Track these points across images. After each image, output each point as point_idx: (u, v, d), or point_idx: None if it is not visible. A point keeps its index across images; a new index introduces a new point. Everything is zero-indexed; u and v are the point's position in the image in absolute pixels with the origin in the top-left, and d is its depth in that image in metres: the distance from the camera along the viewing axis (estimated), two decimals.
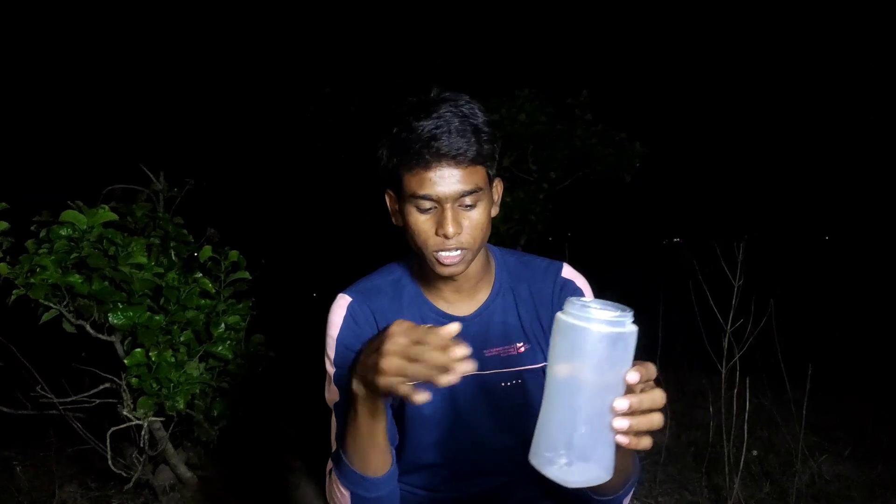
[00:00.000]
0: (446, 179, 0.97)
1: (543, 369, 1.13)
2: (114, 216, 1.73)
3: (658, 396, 0.70)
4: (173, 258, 1.97)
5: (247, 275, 2.01)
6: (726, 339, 2.04)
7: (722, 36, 6.76)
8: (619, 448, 0.71)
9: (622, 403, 0.66)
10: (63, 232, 1.68)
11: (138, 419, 1.81)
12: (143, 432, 1.87)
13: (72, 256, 1.68)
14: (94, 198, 1.96)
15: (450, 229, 0.98)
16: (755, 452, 2.45)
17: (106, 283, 1.72)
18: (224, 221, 2.36)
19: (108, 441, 1.81)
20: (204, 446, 2.23)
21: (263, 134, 4.75)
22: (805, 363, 2.09)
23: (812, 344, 3.38)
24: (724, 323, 2.03)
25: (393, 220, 1.10)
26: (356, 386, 0.85)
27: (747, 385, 1.93)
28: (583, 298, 0.71)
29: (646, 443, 0.69)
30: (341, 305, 1.13)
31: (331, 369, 1.12)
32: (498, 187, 1.11)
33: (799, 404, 2.12)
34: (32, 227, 1.76)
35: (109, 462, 1.85)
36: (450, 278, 1.09)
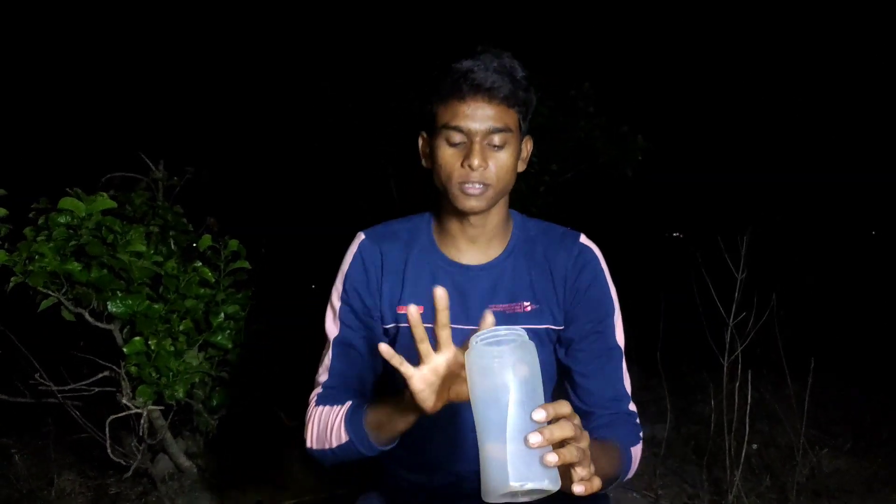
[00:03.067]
0: (478, 113, 1.00)
1: (548, 331, 1.13)
2: (112, 204, 1.72)
3: (566, 429, 0.68)
4: (172, 247, 1.96)
5: (246, 264, 2.00)
6: (728, 333, 2.03)
7: (727, 28, 6.72)
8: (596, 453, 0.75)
9: (539, 414, 0.67)
10: (62, 219, 1.67)
11: (137, 408, 1.81)
12: (142, 421, 1.86)
13: (70, 244, 1.67)
14: (93, 185, 1.95)
15: (475, 161, 0.99)
16: (755, 446, 2.45)
17: (105, 271, 1.72)
18: (224, 211, 2.34)
19: (106, 430, 1.81)
20: (203, 435, 2.23)
21: (263, 123, 4.74)
22: (806, 357, 2.08)
23: (814, 338, 3.37)
24: (727, 316, 2.02)
25: (423, 162, 1.12)
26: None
27: (749, 379, 1.92)
28: (482, 333, 0.73)
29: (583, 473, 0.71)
30: (355, 242, 1.17)
31: (336, 303, 1.15)
32: (528, 144, 1.12)
33: (800, 398, 2.11)
34: (31, 215, 1.75)
35: (108, 451, 1.84)
36: (468, 222, 1.09)
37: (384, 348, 0.80)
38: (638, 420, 1.12)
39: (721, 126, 7.05)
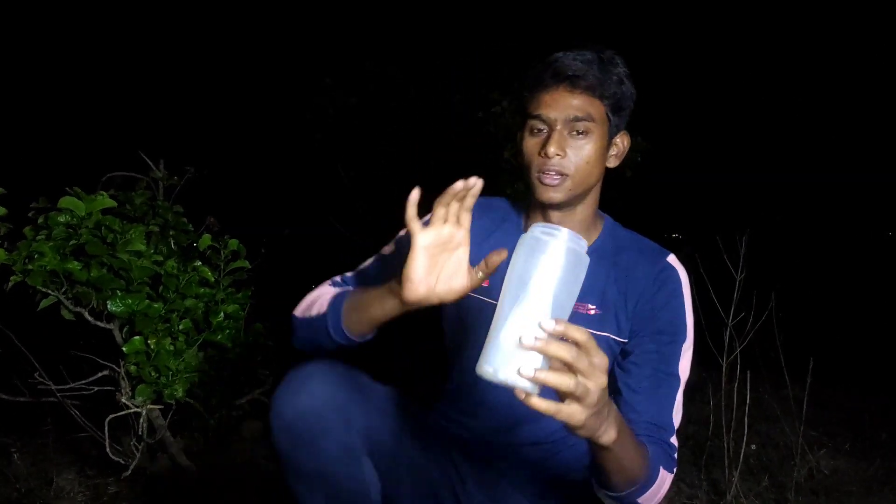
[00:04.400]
0: (559, 101, 0.98)
1: (608, 339, 1.08)
2: (112, 203, 1.72)
3: (564, 351, 0.63)
4: (172, 246, 1.96)
5: (246, 264, 2.00)
6: (727, 333, 2.03)
7: (726, 27, 6.72)
8: (618, 447, 0.73)
9: (549, 324, 0.63)
10: (61, 219, 1.67)
11: (137, 407, 1.81)
12: (141, 420, 1.86)
13: (70, 243, 1.67)
14: (93, 185, 1.95)
15: (551, 149, 0.97)
16: (754, 446, 2.45)
17: (104, 270, 1.72)
18: (223, 210, 2.34)
19: (106, 429, 1.81)
20: (203, 434, 2.23)
21: (262, 123, 4.74)
22: (805, 358, 2.08)
23: (812, 338, 3.37)
24: (726, 317, 2.03)
25: (519, 157, 1.10)
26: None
27: (747, 379, 1.92)
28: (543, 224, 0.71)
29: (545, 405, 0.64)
30: None
31: (403, 232, 1.11)
32: (624, 139, 1.08)
33: (798, 399, 2.11)
34: (30, 214, 1.75)
35: (107, 450, 1.84)
36: (550, 215, 1.07)
37: (414, 194, 0.79)
38: (676, 455, 1.04)
39: (720, 126, 7.05)
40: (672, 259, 1.11)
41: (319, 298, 1.03)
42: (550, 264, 0.65)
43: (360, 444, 0.95)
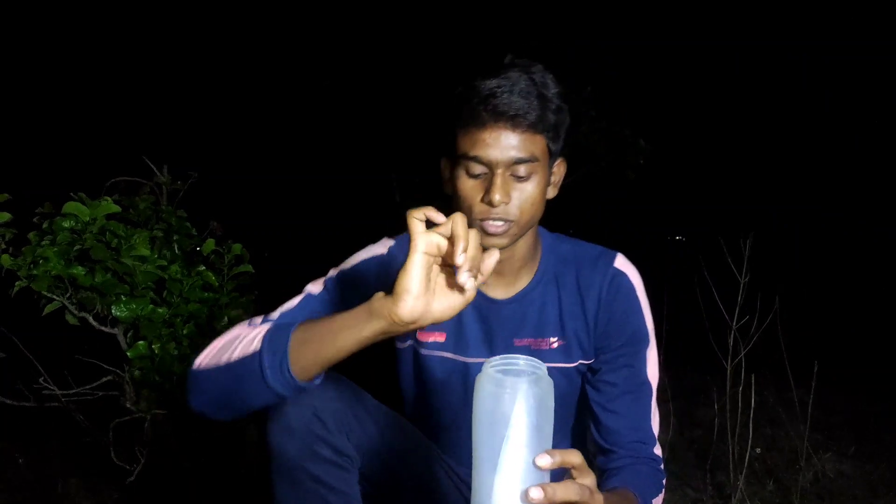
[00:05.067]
0: (500, 142, 0.89)
1: (577, 368, 1.07)
2: (116, 208, 1.72)
3: (571, 492, 0.60)
4: (176, 251, 1.96)
5: (250, 268, 2.00)
6: (731, 336, 2.02)
7: (731, 30, 6.72)
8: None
9: (544, 459, 0.60)
10: (66, 224, 1.67)
11: (141, 412, 1.81)
12: (145, 425, 1.86)
13: (74, 248, 1.68)
14: (97, 190, 1.95)
15: (496, 197, 0.90)
16: (759, 450, 2.44)
17: (109, 275, 1.72)
18: (227, 214, 2.35)
19: (110, 434, 1.81)
20: (207, 440, 2.23)
21: (265, 126, 4.75)
22: (810, 361, 2.08)
23: (817, 341, 3.36)
24: (730, 320, 2.02)
25: (445, 188, 1.03)
26: (380, 321, 0.76)
27: (752, 382, 1.91)
28: (498, 358, 0.65)
29: None
30: (383, 244, 1.09)
31: (333, 273, 1.05)
32: (560, 167, 1.03)
33: (803, 402, 2.11)
34: (35, 219, 1.76)
35: (112, 455, 1.85)
36: None
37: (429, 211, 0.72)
38: (662, 466, 1.05)
39: (724, 128, 7.05)
40: (619, 262, 1.08)
41: (237, 341, 0.86)
42: (522, 413, 0.61)
43: (355, 457, 0.93)
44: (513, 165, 0.91)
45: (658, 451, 1.06)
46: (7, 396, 1.97)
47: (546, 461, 0.59)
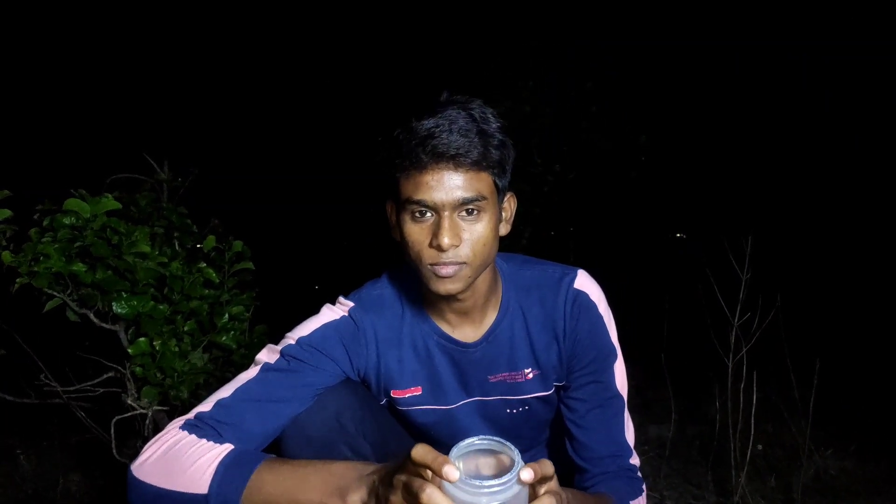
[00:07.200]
0: (444, 184, 0.85)
1: (555, 392, 1.08)
2: (117, 205, 1.72)
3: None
4: (177, 248, 1.96)
5: (251, 265, 2.00)
6: (733, 333, 2.02)
7: (733, 26, 6.70)
8: None
9: (527, 473, 0.61)
10: (66, 220, 1.67)
11: (142, 408, 1.81)
12: (147, 421, 1.86)
13: (75, 245, 1.68)
14: (97, 187, 1.95)
15: (445, 240, 0.86)
16: (760, 447, 2.44)
17: (110, 272, 1.72)
18: (228, 212, 2.35)
19: (112, 430, 1.81)
20: None
21: (265, 125, 4.75)
22: (812, 358, 2.07)
23: (819, 338, 3.36)
24: (732, 317, 2.02)
25: (392, 234, 0.98)
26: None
27: (754, 379, 1.91)
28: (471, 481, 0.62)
29: None
30: (343, 307, 1.04)
31: (291, 341, 1.00)
32: (511, 202, 1.00)
33: (805, 399, 2.10)
34: (36, 216, 1.76)
35: (114, 451, 1.85)
36: (451, 298, 0.96)
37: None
38: (640, 473, 1.05)
39: (724, 128, 7.03)
40: (579, 281, 1.06)
41: (190, 459, 0.82)
42: None
43: (370, 457, 0.94)
44: (459, 206, 0.87)
45: (634, 460, 1.05)
46: (9, 393, 1.98)
47: (528, 475, 0.61)
